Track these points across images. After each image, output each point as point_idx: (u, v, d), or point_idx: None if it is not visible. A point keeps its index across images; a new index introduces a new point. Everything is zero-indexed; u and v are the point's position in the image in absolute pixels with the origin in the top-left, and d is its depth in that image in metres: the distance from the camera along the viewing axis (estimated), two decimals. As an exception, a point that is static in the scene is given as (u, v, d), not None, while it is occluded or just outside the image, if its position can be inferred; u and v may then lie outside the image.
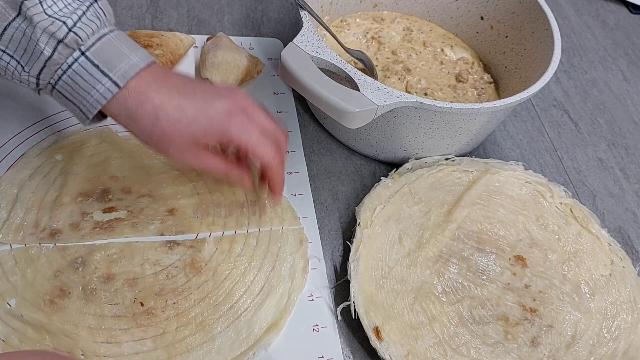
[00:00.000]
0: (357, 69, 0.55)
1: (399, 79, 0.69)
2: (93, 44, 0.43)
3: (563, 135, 0.76)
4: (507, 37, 0.73)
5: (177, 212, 0.55)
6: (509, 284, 0.56)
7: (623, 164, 0.75)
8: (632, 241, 0.66)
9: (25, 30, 0.41)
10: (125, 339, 0.47)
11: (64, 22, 0.42)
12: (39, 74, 0.43)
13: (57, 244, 0.51)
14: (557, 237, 0.60)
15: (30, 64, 0.42)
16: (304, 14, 0.59)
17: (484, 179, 0.62)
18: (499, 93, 0.73)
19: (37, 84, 0.43)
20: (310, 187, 0.62)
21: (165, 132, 0.44)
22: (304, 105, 0.70)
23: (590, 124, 0.79)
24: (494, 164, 0.64)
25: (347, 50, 0.67)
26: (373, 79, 0.54)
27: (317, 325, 0.52)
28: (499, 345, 0.52)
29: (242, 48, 0.70)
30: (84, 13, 0.43)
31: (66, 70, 0.43)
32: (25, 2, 0.41)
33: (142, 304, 0.49)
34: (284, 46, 0.55)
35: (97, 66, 0.43)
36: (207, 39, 0.70)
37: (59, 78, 0.43)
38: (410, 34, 0.77)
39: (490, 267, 0.56)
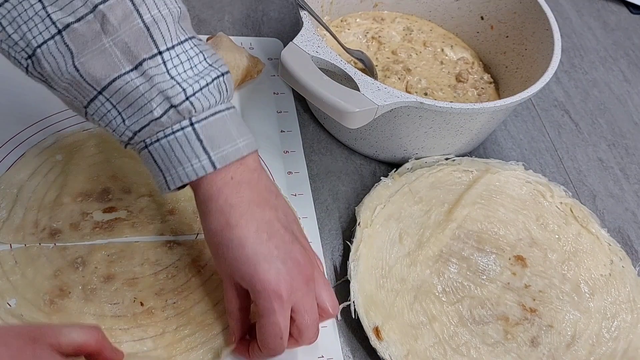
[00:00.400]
0: (357, 69, 0.55)
1: (399, 78, 0.69)
2: (205, 118, 0.41)
3: (563, 135, 0.76)
4: (507, 37, 0.73)
5: (177, 212, 0.55)
6: (508, 283, 0.56)
7: (623, 164, 0.75)
8: (632, 241, 0.66)
9: (138, 86, 0.39)
10: (126, 338, 0.47)
11: (184, 90, 0.40)
12: (139, 130, 0.40)
13: (57, 244, 0.51)
14: (557, 236, 0.60)
15: (133, 119, 0.40)
16: (304, 14, 0.59)
17: (484, 178, 0.62)
18: (499, 93, 0.73)
19: (131, 138, 0.41)
20: (310, 186, 0.62)
21: (216, 251, 0.43)
22: (304, 105, 0.70)
23: (591, 124, 0.79)
24: (494, 163, 0.64)
25: (347, 50, 0.67)
26: (373, 79, 0.54)
27: (317, 325, 0.52)
28: (498, 345, 0.52)
29: (242, 48, 0.70)
30: (207, 85, 0.41)
31: (168, 135, 0.40)
32: (148, 60, 0.39)
33: (142, 304, 0.49)
34: (284, 46, 0.55)
35: (201, 141, 0.40)
36: (207, 39, 0.70)
37: (157, 140, 0.41)
38: (411, 34, 0.77)
39: (490, 266, 0.56)
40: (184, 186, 0.43)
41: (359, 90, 0.52)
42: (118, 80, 0.39)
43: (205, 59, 0.42)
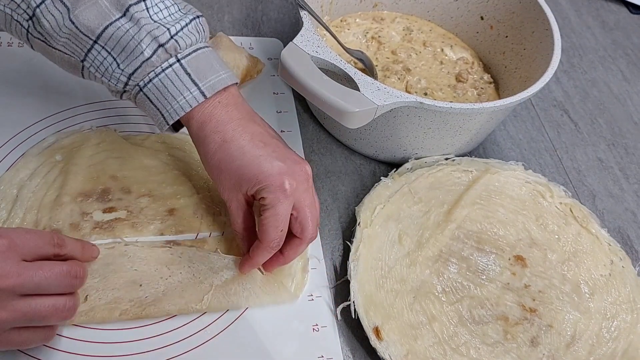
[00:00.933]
0: (357, 69, 0.55)
1: (399, 78, 0.69)
2: (189, 54, 0.46)
3: (563, 135, 0.76)
4: (507, 37, 0.73)
5: (177, 212, 0.55)
6: (508, 283, 0.56)
7: (623, 164, 0.75)
8: (632, 241, 0.66)
9: (128, 30, 0.44)
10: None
11: (168, 29, 0.45)
12: (133, 73, 0.45)
13: (57, 244, 0.51)
14: (556, 237, 0.60)
15: (126, 62, 0.45)
16: (304, 13, 0.59)
17: (484, 178, 0.62)
18: (499, 93, 0.73)
19: (126, 83, 0.46)
20: (310, 187, 0.62)
21: (220, 165, 0.47)
22: (304, 105, 0.70)
23: (590, 124, 0.79)
24: (494, 163, 0.65)
25: (347, 50, 0.67)
26: (373, 79, 0.54)
27: (316, 324, 0.52)
28: (498, 345, 0.52)
29: (242, 48, 0.70)
30: (186, 25, 0.46)
31: (159, 73, 0.45)
32: (133, 6, 0.44)
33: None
34: (284, 46, 0.55)
35: (189, 74, 0.45)
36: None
37: (150, 80, 0.45)
38: (410, 34, 0.77)
39: (489, 266, 0.56)
40: (180, 126, 0.49)
41: (358, 90, 0.52)
42: (110, 27, 0.44)
43: (179, 9, 0.47)
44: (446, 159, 0.64)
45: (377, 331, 0.50)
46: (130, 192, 0.56)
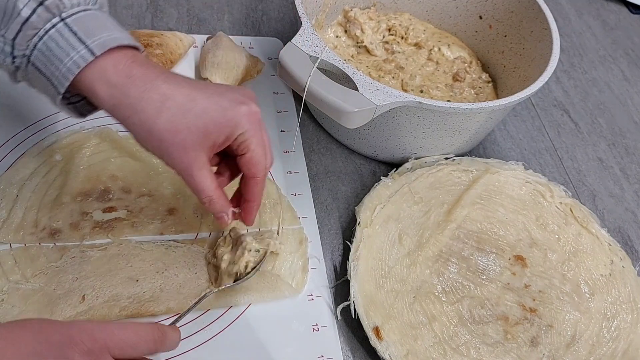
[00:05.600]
0: None
1: (393, 77, 0.69)
2: (76, 13, 0.40)
3: (563, 135, 0.76)
4: (505, 36, 0.73)
5: (177, 212, 0.55)
6: (508, 283, 0.56)
7: (623, 163, 0.75)
8: (632, 241, 0.66)
9: None
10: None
11: None
12: (14, 38, 0.39)
13: (56, 244, 0.51)
14: (557, 237, 0.60)
15: (5, 27, 0.39)
16: (302, 13, 0.59)
17: (484, 178, 0.62)
18: (497, 92, 0.73)
19: (13, 55, 0.40)
20: (310, 186, 0.61)
21: (172, 123, 0.40)
22: (304, 105, 0.70)
23: (590, 124, 0.79)
24: (494, 163, 0.64)
25: None
26: (372, 79, 0.54)
27: (316, 324, 0.52)
28: (498, 345, 0.52)
29: (242, 47, 0.70)
30: None
31: (42, 36, 0.39)
32: None
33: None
34: (284, 46, 0.55)
35: (75, 33, 0.39)
36: (207, 39, 0.70)
37: (35, 47, 0.39)
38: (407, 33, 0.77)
39: (490, 266, 0.56)
40: (93, 108, 0.43)
41: (357, 90, 0.52)
42: None
43: None
44: (446, 158, 0.64)
45: (377, 331, 0.50)
46: (130, 191, 0.56)
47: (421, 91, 0.69)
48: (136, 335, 0.37)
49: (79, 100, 0.44)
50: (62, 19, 0.39)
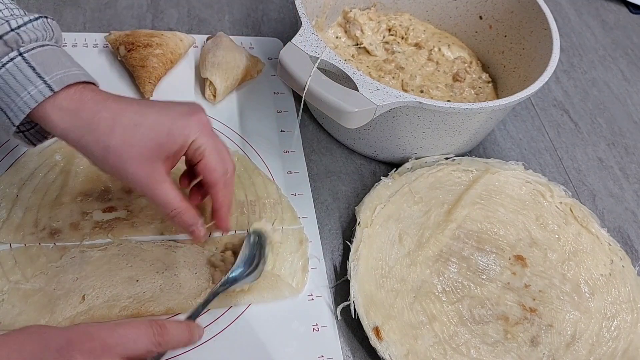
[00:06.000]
0: None
1: (393, 77, 0.69)
2: (34, 48, 0.41)
3: (563, 135, 0.76)
4: (505, 36, 0.73)
5: (177, 212, 0.55)
6: (508, 283, 0.56)
7: (623, 163, 0.75)
8: (632, 241, 0.66)
9: None
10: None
11: (7, 22, 0.41)
12: None
13: (57, 244, 0.51)
14: (557, 236, 0.60)
15: None
16: (302, 13, 0.59)
17: (484, 178, 0.62)
18: (497, 92, 0.73)
19: None
20: (310, 186, 0.62)
21: (124, 140, 0.41)
22: (304, 105, 0.70)
23: (590, 124, 0.79)
24: (494, 163, 0.64)
25: None
26: (372, 79, 0.54)
27: (317, 324, 0.52)
28: (498, 345, 0.52)
29: (242, 48, 0.70)
30: (30, 21, 0.42)
31: None
32: None
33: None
34: (284, 46, 0.55)
35: (33, 68, 0.40)
36: (207, 39, 0.70)
37: None
38: (407, 33, 0.77)
39: (490, 266, 0.56)
40: (42, 136, 0.44)
41: (357, 90, 0.52)
42: None
43: (25, 13, 0.43)
44: (446, 158, 0.64)
45: (377, 331, 0.50)
46: (130, 191, 0.56)
47: (421, 91, 0.69)
48: (135, 330, 0.37)
49: (29, 129, 0.46)
50: (20, 54, 0.41)
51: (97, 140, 0.41)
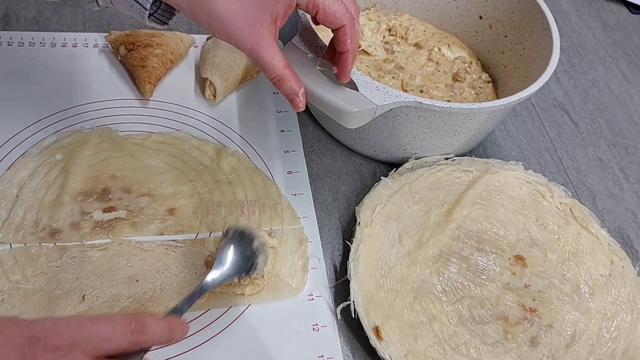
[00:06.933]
0: None
1: (393, 77, 0.69)
2: None
3: (563, 135, 0.76)
4: (506, 36, 0.73)
5: (177, 212, 0.55)
6: (508, 283, 0.56)
7: (623, 164, 0.75)
8: (632, 241, 0.66)
9: None
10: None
11: None
12: None
13: (57, 244, 0.51)
14: (556, 237, 0.60)
15: None
16: (302, 13, 0.59)
17: (484, 178, 0.62)
18: (498, 92, 0.73)
19: None
20: (311, 186, 0.62)
21: (226, 6, 0.41)
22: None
23: (590, 124, 0.79)
24: (494, 163, 0.64)
25: None
26: (372, 79, 0.54)
27: (316, 324, 0.52)
28: (498, 345, 0.52)
29: (242, 48, 0.70)
30: None
31: None
32: None
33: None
34: (284, 46, 0.55)
35: None
36: (207, 39, 0.70)
37: None
38: (406, 33, 0.77)
39: (490, 266, 0.56)
40: (171, 13, 0.46)
41: (357, 90, 0.52)
42: None
43: None
44: (446, 158, 0.64)
45: (377, 331, 0.50)
46: (130, 191, 0.56)
47: (421, 91, 0.69)
48: (110, 327, 0.34)
49: (157, 10, 0.47)
50: None
51: (202, 9, 0.42)
